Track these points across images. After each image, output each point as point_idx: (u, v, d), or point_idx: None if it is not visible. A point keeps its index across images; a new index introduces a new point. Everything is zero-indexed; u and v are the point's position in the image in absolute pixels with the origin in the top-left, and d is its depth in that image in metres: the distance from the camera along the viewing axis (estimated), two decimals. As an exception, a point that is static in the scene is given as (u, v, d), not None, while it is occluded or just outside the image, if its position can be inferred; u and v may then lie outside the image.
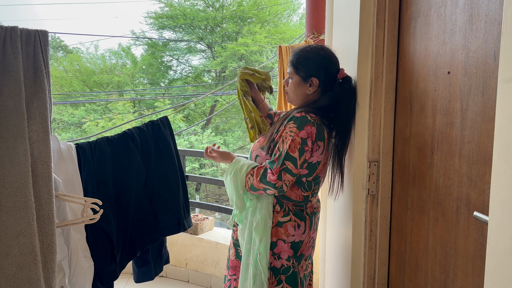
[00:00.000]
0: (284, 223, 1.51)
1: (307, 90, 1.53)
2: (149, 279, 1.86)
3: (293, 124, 1.42)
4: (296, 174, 1.44)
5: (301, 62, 1.52)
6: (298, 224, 1.52)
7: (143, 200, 1.74)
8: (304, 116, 1.43)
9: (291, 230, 1.51)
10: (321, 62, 1.51)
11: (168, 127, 1.84)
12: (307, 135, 1.42)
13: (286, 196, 1.51)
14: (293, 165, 1.42)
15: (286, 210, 1.51)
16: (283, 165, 1.42)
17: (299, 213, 1.52)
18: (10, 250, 1.13)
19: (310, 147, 1.43)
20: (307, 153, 1.43)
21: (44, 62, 1.21)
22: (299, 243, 1.53)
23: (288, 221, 1.51)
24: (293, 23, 15.63)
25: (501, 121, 0.75)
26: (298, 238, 1.53)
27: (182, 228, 1.83)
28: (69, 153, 1.49)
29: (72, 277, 1.39)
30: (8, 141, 1.14)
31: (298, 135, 1.41)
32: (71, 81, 15.36)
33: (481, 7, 1.05)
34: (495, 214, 0.78)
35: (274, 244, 1.51)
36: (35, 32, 1.20)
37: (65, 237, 1.37)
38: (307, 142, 1.42)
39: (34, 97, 1.19)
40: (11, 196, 1.13)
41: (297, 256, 1.54)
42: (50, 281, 1.19)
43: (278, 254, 1.52)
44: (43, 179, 1.19)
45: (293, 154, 1.41)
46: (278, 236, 1.51)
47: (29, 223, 1.14)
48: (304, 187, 1.51)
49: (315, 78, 1.51)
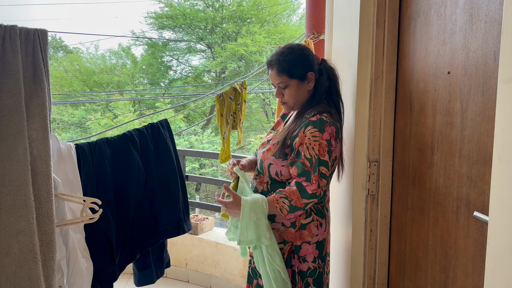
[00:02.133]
0: (307, 225, 1.48)
1: (308, 87, 1.51)
2: (150, 282, 1.86)
3: (314, 129, 1.40)
4: (328, 176, 1.41)
5: (293, 65, 1.48)
6: (320, 223, 1.50)
7: (143, 202, 1.73)
8: (320, 119, 1.41)
9: (315, 230, 1.49)
10: (308, 55, 1.51)
11: (167, 129, 1.84)
12: (329, 136, 1.40)
13: None
14: (326, 169, 1.39)
15: (308, 211, 1.47)
16: (319, 172, 1.38)
17: (320, 211, 1.50)
18: (10, 248, 1.13)
19: (335, 146, 1.41)
20: (334, 152, 1.41)
21: (43, 61, 1.21)
22: (323, 242, 1.51)
23: (311, 221, 1.48)
24: (293, 23, 15.63)
25: (501, 121, 0.75)
26: (322, 236, 1.51)
27: (181, 231, 1.83)
28: (69, 153, 1.49)
29: (70, 277, 1.39)
30: (8, 139, 1.14)
31: (323, 138, 1.39)
32: (71, 81, 15.36)
33: (481, 7, 1.05)
34: (495, 214, 0.78)
35: (298, 248, 1.48)
36: (35, 31, 1.20)
37: (64, 237, 1.37)
38: (331, 142, 1.40)
39: (34, 96, 1.19)
40: (11, 195, 1.13)
41: (323, 256, 1.53)
42: (50, 279, 1.19)
43: (303, 257, 1.49)
44: (42, 178, 1.19)
45: (324, 158, 1.39)
46: (303, 239, 1.48)
47: (29, 221, 1.14)
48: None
49: (311, 72, 1.50)
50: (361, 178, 1.57)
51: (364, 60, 1.52)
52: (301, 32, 7.34)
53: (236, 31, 14.66)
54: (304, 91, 1.51)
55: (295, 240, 1.48)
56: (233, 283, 2.77)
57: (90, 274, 1.49)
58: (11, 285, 1.13)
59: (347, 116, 1.63)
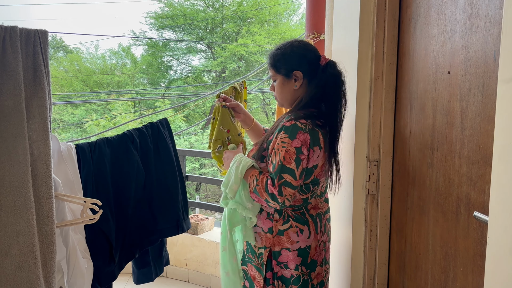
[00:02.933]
0: (285, 231, 1.43)
1: (294, 86, 1.45)
2: (149, 280, 1.86)
3: (285, 134, 1.34)
4: (296, 186, 1.33)
5: (278, 60, 1.45)
6: (300, 229, 1.43)
7: (142, 202, 1.73)
8: (294, 125, 1.34)
9: (294, 237, 1.43)
10: (298, 52, 1.44)
11: (167, 129, 1.84)
12: (301, 144, 1.32)
13: None
14: (292, 177, 1.32)
15: (285, 217, 1.43)
16: (281, 179, 1.32)
17: (300, 218, 1.43)
18: (10, 249, 1.13)
19: (306, 154, 1.33)
20: (304, 161, 1.34)
21: (43, 62, 1.21)
22: (306, 249, 1.44)
23: (289, 228, 1.43)
24: (293, 23, 15.63)
25: (501, 121, 0.75)
26: (304, 243, 1.44)
27: (180, 230, 1.83)
28: (69, 154, 1.49)
29: (70, 278, 1.39)
30: (8, 140, 1.14)
31: (292, 145, 1.32)
32: (71, 81, 15.37)
33: (481, 7, 1.05)
34: (495, 214, 0.77)
35: (277, 254, 1.44)
36: (35, 32, 1.20)
37: (64, 238, 1.37)
38: (302, 151, 1.32)
39: (34, 97, 1.19)
40: (11, 196, 1.13)
41: (308, 264, 1.45)
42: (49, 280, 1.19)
43: (285, 263, 1.45)
44: (42, 179, 1.19)
45: (290, 165, 1.32)
46: (281, 245, 1.44)
47: (29, 222, 1.14)
48: (302, 190, 1.41)
49: (298, 71, 1.43)
50: (361, 178, 1.57)
51: (364, 60, 1.52)
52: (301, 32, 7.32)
53: (236, 31, 14.66)
54: (289, 89, 1.46)
55: (273, 246, 1.44)
56: (233, 283, 2.77)
57: (90, 274, 1.49)
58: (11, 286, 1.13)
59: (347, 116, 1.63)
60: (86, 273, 1.45)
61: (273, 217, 1.44)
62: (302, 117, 1.36)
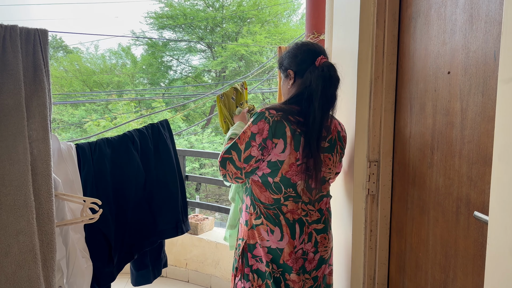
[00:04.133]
0: (257, 226, 1.42)
1: (288, 84, 1.49)
2: (148, 282, 1.86)
3: (252, 118, 1.39)
4: (239, 167, 1.37)
5: (280, 58, 1.54)
6: (271, 229, 1.40)
7: (142, 202, 1.73)
8: (262, 112, 1.36)
9: (265, 235, 1.41)
10: (292, 52, 1.47)
11: (168, 130, 1.85)
12: (257, 131, 1.34)
13: (257, 198, 1.42)
14: (237, 157, 1.36)
15: (258, 213, 1.42)
16: (228, 153, 1.38)
17: (271, 217, 1.40)
18: (10, 248, 1.13)
19: (257, 143, 1.33)
20: (253, 149, 1.34)
21: (43, 61, 1.21)
22: (276, 250, 1.40)
23: (260, 224, 1.42)
24: (293, 23, 15.63)
25: (501, 121, 0.75)
26: (275, 245, 1.40)
27: (180, 232, 1.83)
28: (69, 153, 1.49)
29: (70, 277, 1.39)
30: (8, 139, 1.14)
31: (250, 129, 1.35)
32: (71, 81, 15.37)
33: (481, 7, 1.05)
34: (495, 214, 0.78)
35: (253, 247, 1.44)
36: (35, 31, 1.20)
37: (64, 237, 1.37)
38: (255, 138, 1.34)
39: (34, 96, 1.19)
40: (11, 195, 1.13)
41: (281, 264, 1.41)
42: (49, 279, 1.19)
43: (260, 257, 1.44)
44: (42, 178, 1.19)
45: (240, 145, 1.36)
46: (255, 239, 1.44)
47: (29, 221, 1.14)
48: (271, 189, 1.38)
49: (290, 70, 1.46)
50: (361, 178, 1.57)
51: (364, 60, 1.52)
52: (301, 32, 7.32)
53: (236, 31, 14.66)
54: (286, 87, 1.51)
55: (248, 239, 1.45)
56: (233, 283, 2.77)
57: (90, 274, 1.49)
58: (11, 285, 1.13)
59: (347, 116, 1.63)
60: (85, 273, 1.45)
61: (249, 210, 1.45)
62: (275, 108, 1.37)
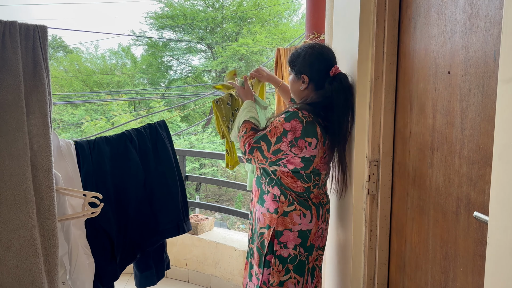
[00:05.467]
0: (289, 212, 1.55)
1: (300, 87, 1.60)
2: (152, 284, 1.86)
3: (283, 115, 1.49)
4: (266, 157, 1.49)
5: (293, 60, 1.61)
6: (303, 213, 1.56)
7: (143, 202, 1.74)
8: (295, 111, 1.48)
9: (297, 219, 1.55)
10: (308, 59, 1.56)
11: (165, 130, 1.85)
12: (290, 128, 1.46)
13: (289, 188, 1.56)
14: (266, 146, 1.47)
15: (290, 200, 1.55)
16: (257, 143, 1.49)
17: (303, 203, 1.56)
18: (11, 243, 1.14)
19: (288, 140, 1.46)
20: (283, 144, 1.47)
21: (43, 57, 1.21)
22: (306, 232, 1.57)
23: (293, 210, 1.55)
24: (293, 23, 15.63)
25: (501, 121, 0.75)
26: (305, 227, 1.56)
27: (181, 231, 1.83)
28: (68, 150, 1.49)
29: (72, 274, 1.39)
30: (8, 134, 1.15)
31: (282, 125, 1.46)
32: (71, 81, 15.36)
33: (481, 7, 1.05)
34: (495, 214, 0.77)
35: (280, 233, 1.55)
36: (34, 27, 1.20)
37: (65, 233, 1.37)
38: (287, 135, 1.46)
39: (34, 92, 1.20)
40: (11, 190, 1.14)
41: (307, 246, 1.58)
42: (52, 274, 1.19)
43: (284, 243, 1.56)
44: (43, 173, 1.19)
45: (271, 138, 1.47)
46: (284, 226, 1.55)
47: (29, 216, 1.15)
48: (303, 178, 1.55)
49: (305, 75, 1.57)
50: (361, 178, 1.57)
51: (364, 60, 1.52)
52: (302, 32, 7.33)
53: (237, 31, 14.66)
54: (297, 88, 1.62)
55: (277, 226, 1.55)
56: (233, 283, 2.77)
57: (92, 271, 1.49)
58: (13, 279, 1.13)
59: (347, 116, 1.63)
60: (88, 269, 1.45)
61: (279, 198, 1.56)
62: (307, 109, 1.50)
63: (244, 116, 1.64)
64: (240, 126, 1.63)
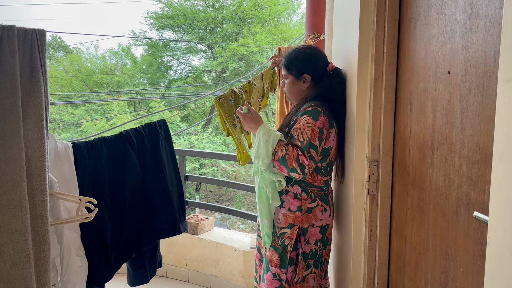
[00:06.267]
0: (313, 209, 1.61)
1: (302, 87, 1.69)
2: (145, 282, 1.85)
3: (308, 117, 1.56)
4: (317, 161, 1.57)
5: (291, 63, 1.69)
6: (324, 208, 1.63)
7: (139, 202, 1.73)
8: (315, 109, 1.57)
9: (319, 215, 1.62)
10: (309, 59, 1.67)
11: (165, 130, 1.85)
12: (322, 125, 1.55)
13: (310, 183, 1.61)
14: (315, 152, 1.54)
15: (312, 196, 1.61)
16: (309, 152, 1.53)
17: (325, 198, 1.64)
18: (4, 248, 1.13)
19: (325, 135, 1.57)
20: (324, 141, 1.57)
21: (40, 62, 1.21)
22: (326, 227, 1.65)
23: (316, 206, 1.62)
24: (293, 23, 15.63)
25: (501, 121, 0.75)
26: (325, 222, 1.64)
27: (177, 232, 1.83)
28: (66, 152, 1.49)
29: (64, 276, 1.39)
30: (4, 139, 1.14)
31: (316, 125, 1.54)
32: (71, 81, 15.36)
33: (481, 7, 1.05)
34: (495, 214, 0.77)
35: (305, 230, 1.61)
36: (33, 31, 1.19)
37: (58, 236, 1.37)
38: (323, 131, 1.56)
39: (30, 96, 1.19)
40: (6, 194, 1.13)
41: (324, 241, 1.65)
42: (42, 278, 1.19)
43: (307, 239, 1.62)
44: (36, 178, 1.19)
45: (315, 142, 1.54)
46: (309, 222, 1.61)
47: (23, 221, 1.14)
48: (321, 172, 1.63)
49: (307, 75, 1.67)
50: (361, 178, 1.57)
51: (364, 60, 1.52)
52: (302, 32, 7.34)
53: (237, 31, 14.66)
54: (298, 89, 1.70)
55: (302, 223, 1.60)
56: (233, 283, 2.77)
57: (85, 273, 1.49)
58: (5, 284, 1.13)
59: (347, 116, 1.63)
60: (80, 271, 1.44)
61: (301, 196, 1.61)
62: (320, 105, 1.60)
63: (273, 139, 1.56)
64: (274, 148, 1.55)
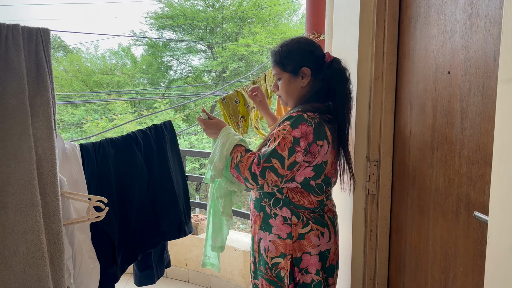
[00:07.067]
0: (305, 235, 1.37)
1: (301, 83, 1.42)
2: (151, 283, 1.86)
3: (287, 122, 1.30)
4: (282, 175, 1.28)
5: (285, 57, 1.42)
6: (321, 232, 1.38)
7: (146, 203, 1.73)
8: (300, 115, 1.30)
9: (315, 240, 1.37)
10: (306, 49, 1.41)
11: (171, 131, 1.84)
12: (300, 135, 1.28)
13: (300, 205, 1.37)
14: (279, 164, 1.27)
15: (304, 220, 1.37)
16: (268, 162, 1.27)
17: (320, 220, 1.39)
18: (18, 247, 1.13)
19: (302, 148, 1.28)
20: (299, 154, 1.28)
21: (46, 60, 1.21)
22: (326, 253, 1.40)
23: (309, 231, 1.37)
24: (293, 23, 15.63)
25: (501, 121, 0.75)
26: (325, 247, 1.39)
27: (183, 234, 1.83)
28: (74, 153, 1.49)
29: (77, 278, 1.39)
30: (13, 138, 1.14)
31: (291, 134, 1.28)
32: (71, 81, 15.36)
33: (481, 7, 1.05)
34: (495, 214, 0.78)
35: (299, 260, 1.38)
36: (37, 30, 1.20)
37: (69, 237, 1.37)
38: (299, 142, 1.27)
39: (37, 95, 1.19)
40: (17, 194, 1.13)
41: (327, 268, 1.41)
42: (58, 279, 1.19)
43: (305, 269, 1.39)
44: (48, 177, 1.19)
45: (282, 152, 1.27)
46: (302, 250, 1.37)
47: (36, 220, 1.14)
48: (315, 191, 1.37)
49: (305, 68, 1.40)
50: (361, 178, 1.57)
51: (364, 60, 1.52)
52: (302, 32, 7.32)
53: (237, 31, 14.66)
54: (297, 86, 1.43)
55: (294, 252, 1.37)
56: (233, 283, 2.77)
57: (97, 275, 1.48)
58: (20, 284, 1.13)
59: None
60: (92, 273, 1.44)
61: (291, 221, 1.37)
62: (310, 110, 1.33)
63: (230, 142, 1.40)
64: (229, 154, 1.39)
